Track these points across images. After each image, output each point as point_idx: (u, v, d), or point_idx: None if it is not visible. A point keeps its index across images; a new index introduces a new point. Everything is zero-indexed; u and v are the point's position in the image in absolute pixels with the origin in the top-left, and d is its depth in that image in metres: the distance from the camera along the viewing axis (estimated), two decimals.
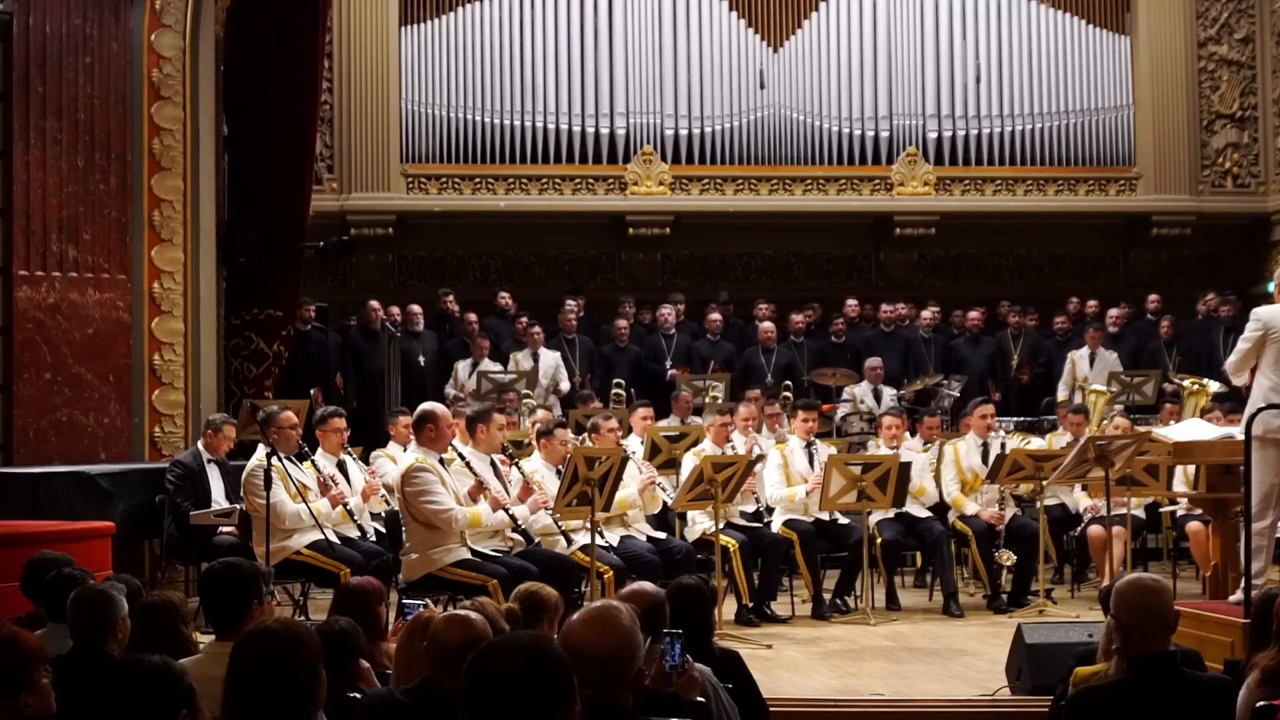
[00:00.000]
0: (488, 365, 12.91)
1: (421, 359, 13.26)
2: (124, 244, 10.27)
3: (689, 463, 9.31)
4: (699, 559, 9.08)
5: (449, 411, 8.46)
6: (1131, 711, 3.83)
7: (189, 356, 10.50)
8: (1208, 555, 8.65)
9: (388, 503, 8.96)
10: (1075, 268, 16.02)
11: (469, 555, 7.86)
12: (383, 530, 8.90)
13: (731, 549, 9.11)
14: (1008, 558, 9.64)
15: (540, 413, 10.87)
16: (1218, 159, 15.79)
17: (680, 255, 15.66)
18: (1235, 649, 6.03)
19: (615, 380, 12.97)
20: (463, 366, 13.05)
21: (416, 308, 13.60)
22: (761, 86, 15.36)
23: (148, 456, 10.22)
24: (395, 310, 13.48)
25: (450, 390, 12.65)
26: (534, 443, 9.12)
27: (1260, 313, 7.43)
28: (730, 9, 15.41)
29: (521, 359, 13.10)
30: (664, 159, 15.15)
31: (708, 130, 15.27)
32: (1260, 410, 6.90)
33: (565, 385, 13.12)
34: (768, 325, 13.94)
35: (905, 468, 9.47)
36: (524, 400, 12.05)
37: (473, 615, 3.88)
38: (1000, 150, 15.60)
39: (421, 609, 5.03)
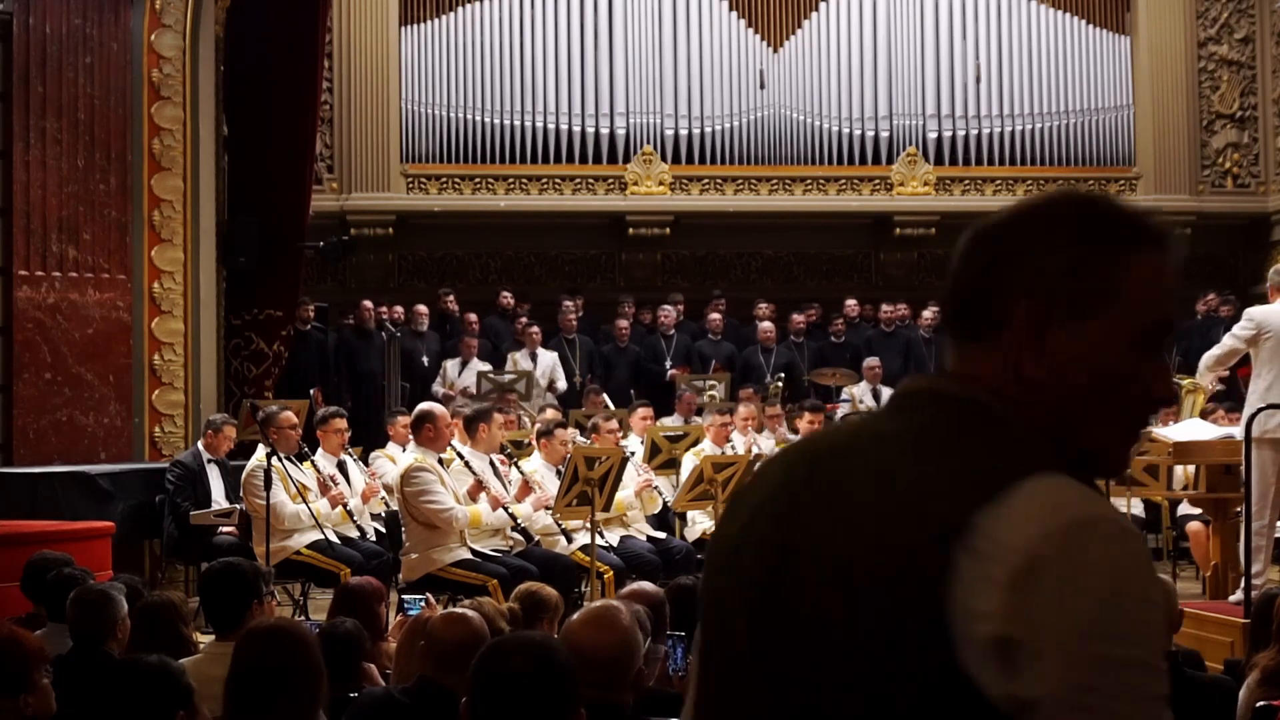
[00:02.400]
0: (478, 364, 12.90)
1: (425, 359, 13.25)
2: (124, 244, 10.27)
3: (689, 463, 9.31)
4: (699, 559, 9.08)
5: (447, 411, 8.47)
6: None
7: (189, 356, 10.49)
8: (1208, 555, 8.65)
9: (387, 504, 8.96)
10: None
11: (469, 555, 7.86)
12: (383, 530, 8.91)
13: None
14: None
15: (550, 412, 10.86)
16: (1218, 159, 15.79)
17: (680, 255, 15.65)
18: (1235, 649, 6.03)
19: (591, 386, 12.88)
20: (451, 365, 13.04)
21: (422, 308, 13.60)
22: (761, 86, 15.36)
23: (148, 456, 10.22)
24: (399, 310, 13.48)
25: (439, 389, 12.61)
26: (534, 443, 9.13)
27: (1254, 313, 7.40)
28: (730, 9, 15.40)
29: (520, 359, 13.10)
30: (664, 159, 15.14)
31: (708, 130, 15.26)
32: (1259, 410, 6.90)
33: (561, 385, 13.11)
34: (767, 325, 13.95)
35: None
36: (521, 406, 11.94)
37: (470, 614, 3.88)
38: (1000, 150, 15.60)
39: (423, 605, 5.03)
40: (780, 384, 12.94)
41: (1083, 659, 1.35)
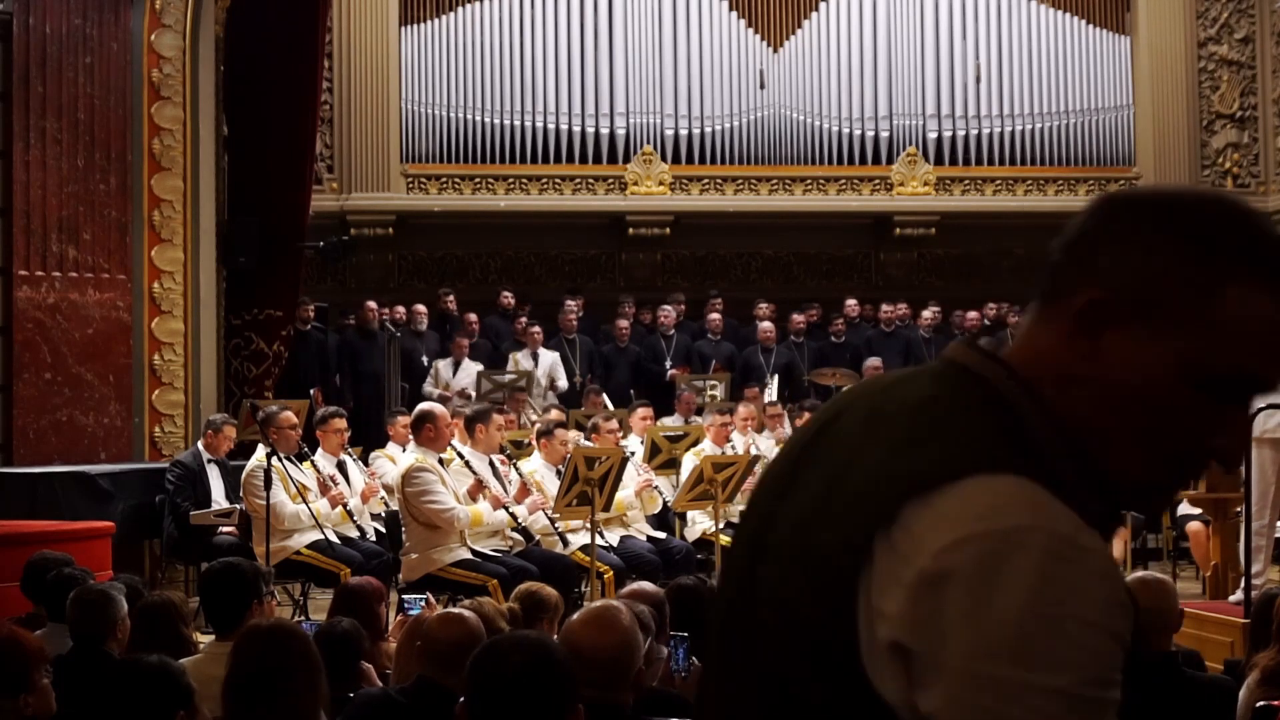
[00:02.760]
0: (469, 365, 12.90)
1: (425, 359, 13.25)
2: (124, 244, 10.27)
3: (689, 463, 9.31)
4: (699, 559, 9.08)
5: (447, 411, 8.47)
6: (1132, 711, 3.83)
7: (189, 356, 10.49)
8: (1208, 555, 8.65)
9: (386, 504, 8.96)
10: None
11: (469, 555, 7.86)
12: (382, 530, 8.91)
13: None
14: None
15: (554, 413, 10.87)
16: (1218, 159, 15.79)
17: (680, 255, 15.65)
18: (1235, 649, 6.03)
19: (591, 386, 12.86)
20: (444, 366, 13.04)
21: (421, 308, 13.61)
22: (761, 86, 15.36)
23: (148, 456, 10.22)
24: (400, 310, 13.48)
25: (431, 389, 12.58)
26: (534, 443, 9.13)
27: None
28: (730, 9, 15.40)
29: (521, 359, 13.10)
30: (664, 159, 15.14)
31: (708, 130, 15.26)
32: (1259, 410, 6.91)
33: (562, 384, 13.11)
34: (767, 325, 13.95)
35: None
36: (529, 404, 12.00)
37: (466, 614, 3.88)
38: (1000, 150, 15.59)
39: (423, 605, 5.04)
40: (770, 384, 12.94)
41: (982, 681, 1.22)
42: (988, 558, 1.24)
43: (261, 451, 8.34)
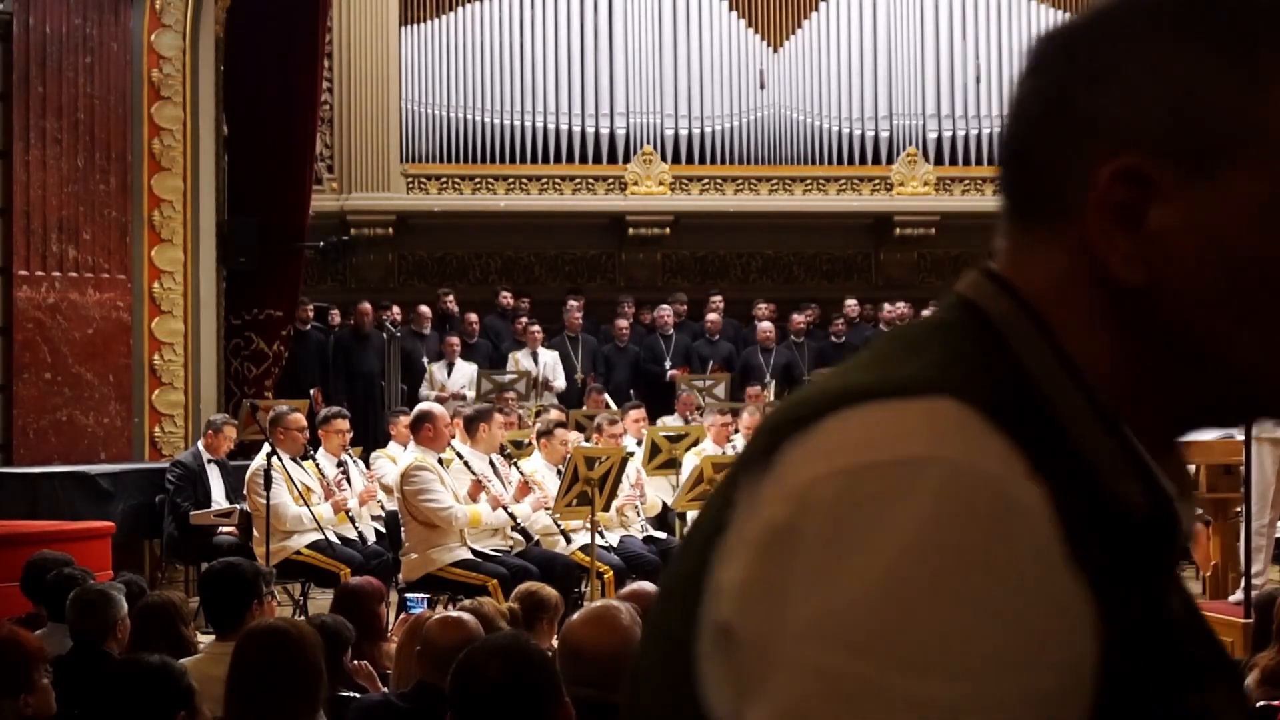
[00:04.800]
0: (462, 365, 12.90)
1: (426, 359, 13.24)
2: (124, 244, 10.27)
3: (689, 463, 9.30)
4: None
5: (446, 411, 8.48)
6: None
7: (189, 356, 10.50)
8: (1208, 555, 8.65)
9: (383, 506, 8.96)
10: None
11: (469, 555, 7.87)
12: (382, 531, 8.91)
13: None
14: None
15: (554, 413, 10.87)
16: None
17: (680, 255, 15.65)
18: (1235, 649, 6.03)
19: (594, 385, 12.84)
20: (438, 368, 13.02)
21: (425, 309, 13.59)
22: (761, 86, 15.36)
23: (148, 456, 10.22)
24: (396, 310, 13.47)
25: (427, 392, 12.55)
26: (534, 442, 9.13)
27: None
28: (730, 9, 15.40)
29: (521, 359, 13.10)
30: (664, 159, 15.14)
31: (708, 130, 15.26)
32: None
33: (560, 384, 13.10)
34: (767, 325, 13.95)
35: None
36: (523, 405, 11.99)
37: (465, 617, 3.88)
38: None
39: (424, 605, 5.04)
40: (769, 385, 12.95)
41: (813, 673, 0.80)
42: (855, 500, 0.82)
43: (265, 451, 8.34)
